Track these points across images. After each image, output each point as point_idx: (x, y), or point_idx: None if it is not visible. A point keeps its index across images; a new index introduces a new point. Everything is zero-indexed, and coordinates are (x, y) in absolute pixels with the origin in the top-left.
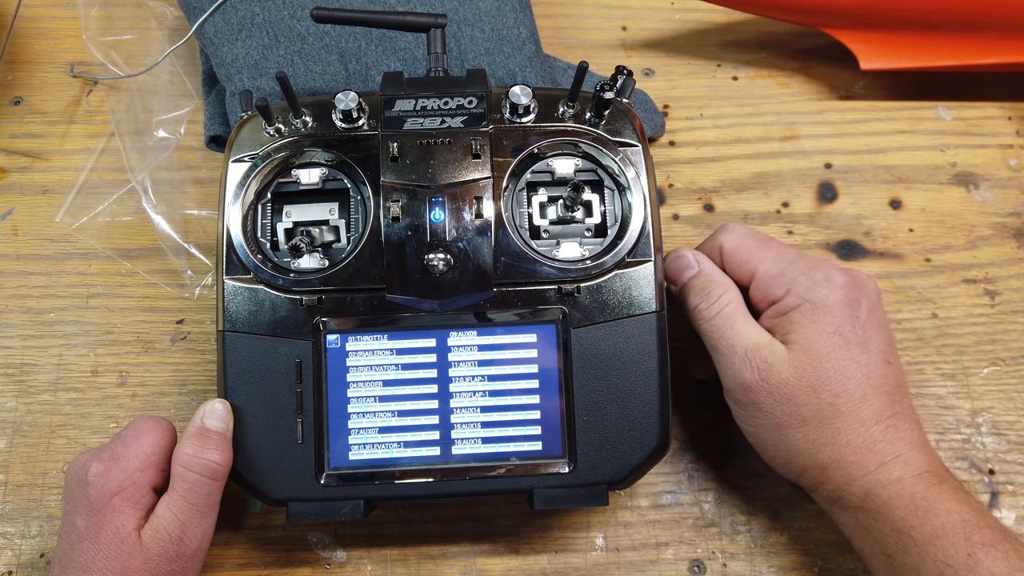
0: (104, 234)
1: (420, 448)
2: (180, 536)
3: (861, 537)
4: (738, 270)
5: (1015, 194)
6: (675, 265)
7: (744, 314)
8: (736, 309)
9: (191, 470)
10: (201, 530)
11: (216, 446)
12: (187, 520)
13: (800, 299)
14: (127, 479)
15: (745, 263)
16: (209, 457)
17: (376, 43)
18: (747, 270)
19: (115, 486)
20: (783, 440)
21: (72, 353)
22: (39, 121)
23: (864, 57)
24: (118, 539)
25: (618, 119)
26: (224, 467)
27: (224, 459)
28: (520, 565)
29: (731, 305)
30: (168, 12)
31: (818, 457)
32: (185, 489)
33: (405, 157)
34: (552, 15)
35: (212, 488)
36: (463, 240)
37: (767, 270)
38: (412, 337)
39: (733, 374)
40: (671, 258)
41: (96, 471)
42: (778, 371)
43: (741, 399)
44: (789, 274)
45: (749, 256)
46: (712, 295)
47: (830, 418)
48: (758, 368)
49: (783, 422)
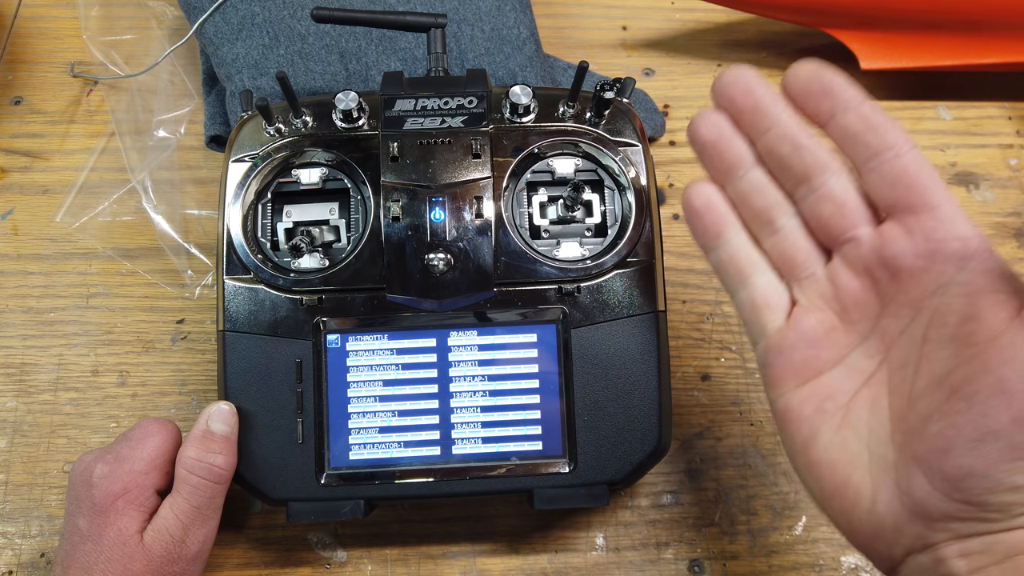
0: (104, 234)
1: (420, 448)
2: (182, 538)
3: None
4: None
5: (1015, 194)
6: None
7: None
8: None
9: (195, 473)
10: (203, 533)
11: (220, 450)
12: (190, 523)
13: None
14: (131, 481)
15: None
16: (213, 461)
17: (376, 43)
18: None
19: (119, 488)
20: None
21: (72, 353)
22: (39, 121)
23: (864, 57)
24: (121, 541)
25: (618, 119)
26: (228, 471)
27: (227, 463)
28: (520, 565)
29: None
30: (168, 12)
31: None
32: (188, 492)
33: (405, 157)
34: (552, 15)
35: (215, 492)
36: (463, 240)
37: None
38: (412, 337)
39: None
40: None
41: (101, 473)
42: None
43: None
44: None
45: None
46: None
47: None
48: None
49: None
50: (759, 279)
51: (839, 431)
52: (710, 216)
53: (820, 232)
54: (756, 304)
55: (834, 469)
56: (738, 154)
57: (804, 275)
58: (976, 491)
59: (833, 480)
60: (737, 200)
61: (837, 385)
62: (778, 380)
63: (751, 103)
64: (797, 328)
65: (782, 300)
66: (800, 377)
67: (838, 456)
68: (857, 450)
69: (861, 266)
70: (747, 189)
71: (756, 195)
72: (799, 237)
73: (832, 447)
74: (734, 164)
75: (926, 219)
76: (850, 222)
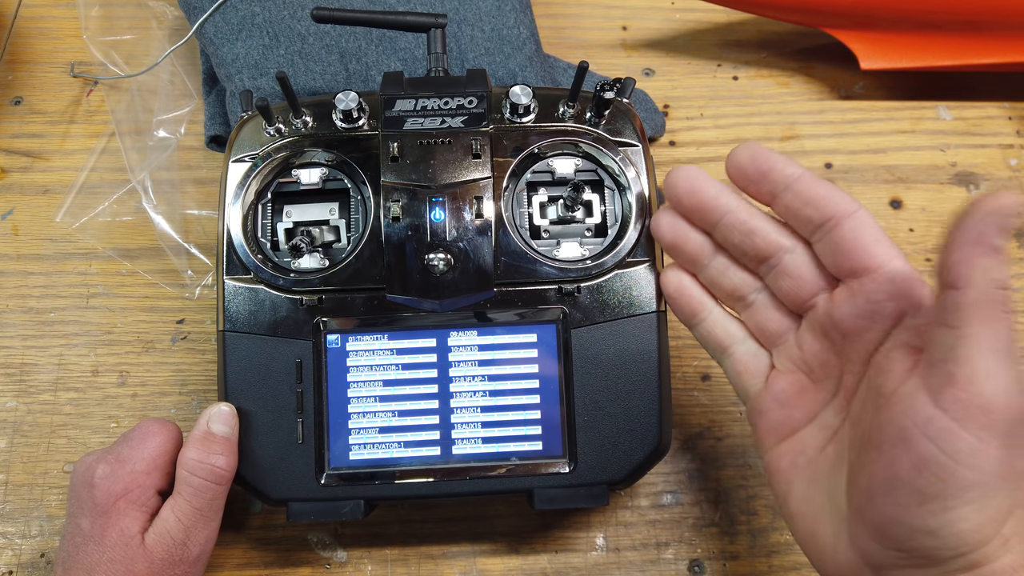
0: (104, 234)
1: (420, 448)
2: (184, 540)
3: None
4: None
5: None
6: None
7: None
8: None
9: (196, 475)
10: (205, 534)
11: (221, 451)
12: (191, 524)
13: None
14: (133, 482)
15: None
16: (214, 462)
17: (376, 43)
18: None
19: (120, 488)
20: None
21: (72, 353)
22: (39, 121)
23: (864, 57)
24: (122, 542)
25: (618, 119)
26: (229, 472)
27: (229, 464)
28: (520, 565)
29: None
30: (168, 12)
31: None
32: (190, 494)
33: (405, 157)
34: (552, 15)
35: (216, 492)
36: (463, 240)
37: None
38: (412, 337)
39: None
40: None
41: (102, 473)
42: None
43: (999, 423)
44: None
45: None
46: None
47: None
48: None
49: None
50: (738, 348)
51: (809, 485)
52: (683, 300)
53: (787, 302)
54: (738, 371)
55: (804, 520)
56: (697, 247)
57: (780, 342)
58: (900, 538)
59: (804, 530)
60: (708, 283)
61: (809, 441)
62: (761, 439)
63: (696, 202)
64: (772, 391)
65: (761, 366)
66: (778, 435)
67: (807, 508)
68: (821, 502)
69: (820, 329)
70: (714, 275)
71: (723, 278)
72: (770, 308)
73: (803, 500)
74: (696, 256)
75: (866, 282)
76: (808, 292)
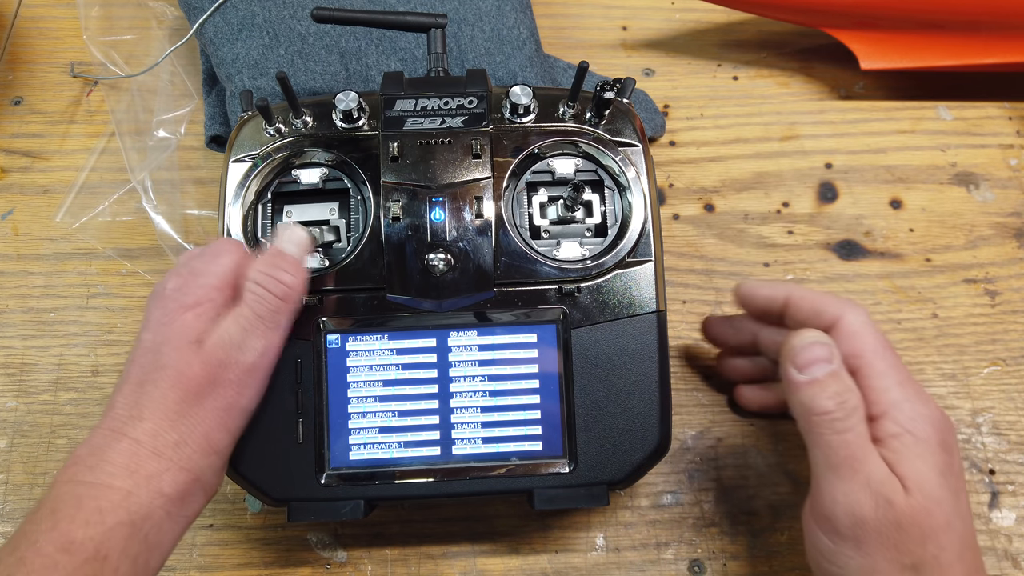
0: (104, 234)
1: (420, 448)
2: (240, 343)
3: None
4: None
5: (1015, 194)
6: (807, 354)
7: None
8: (866, 427)
9: (261, 285)
10: (262, 344)
11: (288, 268)
12: (250, 328)
13: (901, 428)
14: (204, 295)
15: (857, 357)
16: (280, 276)
17: (376, 43)
18: (853, 364)
19: (192, 300)
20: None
21: (72, 353)
22: (39, 121)
23: (864, 57)
24: (181, 345)
25: (618, 119)
26: (294, 290)
27: (295, 282)
28: (520, 565)
29: (863, 423)
30: (168, 12)
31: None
32: (252, 301)
33: (405, 157)
34: (552, 15)
35: (279, 307)
36: (463, 240)
37: (878, 379)
38: (412, 337)
39: (849, 503)
40: (802, 342)
41: (174, 285)
42: (897, 511)
43: (845, 533)
44: (894, 394)
45: (864, 351)
46: (849, 404)
47: (928, 573)
48: (879, 504)
49: (879, 569)
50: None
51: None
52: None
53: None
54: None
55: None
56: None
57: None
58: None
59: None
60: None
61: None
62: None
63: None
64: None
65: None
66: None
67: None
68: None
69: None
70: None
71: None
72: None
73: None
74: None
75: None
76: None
